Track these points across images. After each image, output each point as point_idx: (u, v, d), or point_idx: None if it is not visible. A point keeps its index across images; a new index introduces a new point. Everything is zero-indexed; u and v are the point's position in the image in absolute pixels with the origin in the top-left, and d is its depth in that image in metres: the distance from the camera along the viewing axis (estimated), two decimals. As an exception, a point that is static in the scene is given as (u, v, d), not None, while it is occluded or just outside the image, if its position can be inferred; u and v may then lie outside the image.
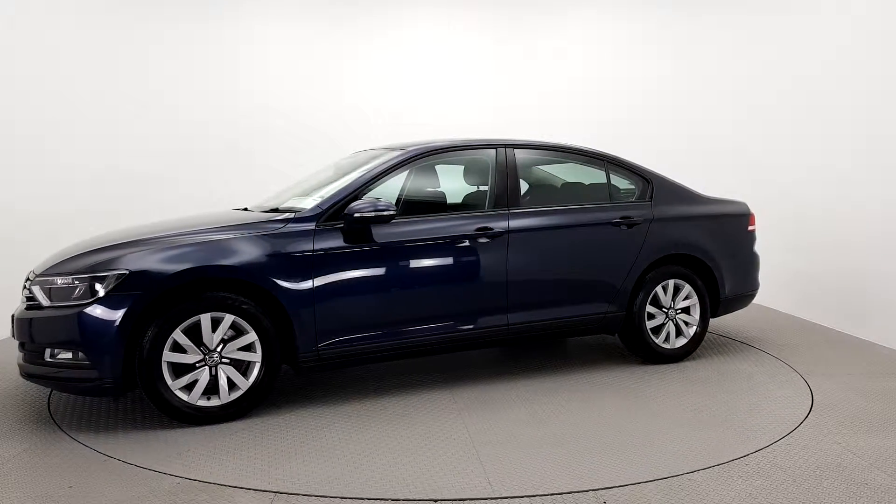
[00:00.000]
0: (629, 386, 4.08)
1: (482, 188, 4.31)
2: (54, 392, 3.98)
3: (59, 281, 3.31)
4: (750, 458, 3.01)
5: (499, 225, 4.04)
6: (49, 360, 3.30)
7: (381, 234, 3.73)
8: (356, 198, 3.73)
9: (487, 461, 2.98)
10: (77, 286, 3.26)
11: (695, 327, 4.61)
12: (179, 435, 3.30)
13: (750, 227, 4.93)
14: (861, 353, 4.83)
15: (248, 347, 3.48)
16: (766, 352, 4.85)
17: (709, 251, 4.62)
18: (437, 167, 4.41)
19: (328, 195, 3.80)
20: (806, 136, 6.23)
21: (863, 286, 5.42)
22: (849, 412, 3.61)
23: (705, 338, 4.82)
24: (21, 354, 3.43)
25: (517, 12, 7.34)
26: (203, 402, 3.40)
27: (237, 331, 3.46)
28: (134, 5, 6.84)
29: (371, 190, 3.86)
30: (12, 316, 3.49)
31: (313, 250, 3.57)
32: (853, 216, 5.55)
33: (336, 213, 3.69)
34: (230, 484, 2.75)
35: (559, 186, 4.70)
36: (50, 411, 3.67)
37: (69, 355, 3.26)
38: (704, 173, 6.37)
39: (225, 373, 3.43)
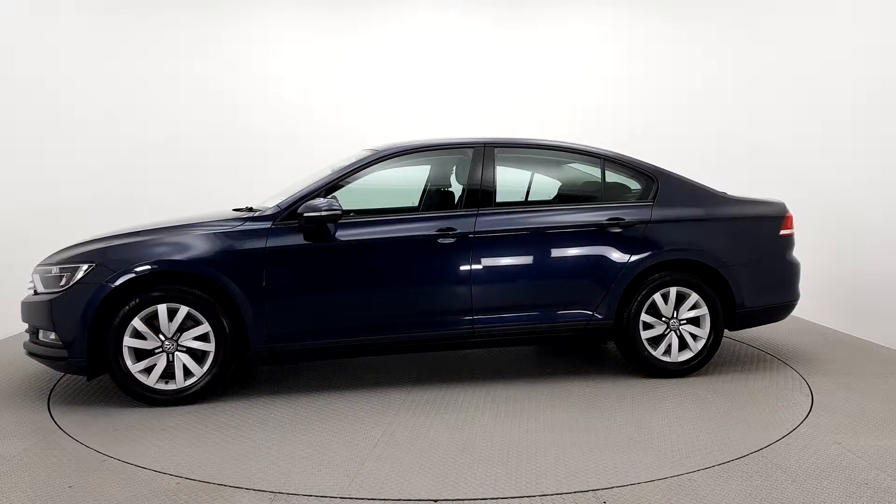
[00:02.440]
0: (598, 394, 3.89)
1: (456, 188, 4.26)
2: (54, 392, 4.00)
3: (51, 270, 3.72)
4: (750, 458, 3.01)
5: (464, 226, 3.94)
6: (42, 339, 3.76)
7: (342, 233, 3.82)
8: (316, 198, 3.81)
9: (372, 462, 2.98)
10: (61, 275, 3.66)
11: (703, 340, 4.18)
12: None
13: (782, 231, 4.39)
14: (861, 353, 4.82)
15: (206, 338, 3.69)
16: (766, 352, 4.84)
17: (720, 256, 4.18)
18: (411, 167, 4.41)
19: (290, 195, 3.92)
20: (806, 136, 6.23)
21: (863, 286, 5.42)
22: (849, 412, 3.61)
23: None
24: (27, 335, 3.92)
25: (521, 11, 7.33)
26: (161, 386, 3.68)
27: (197, 322, 3.69)
28: (134, 5, 6.84)
29: (340, 189, 3.97)
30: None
31: (265, 248, 3.71)
32: (852, 217, 5.55)
33: (295, 212, 3.79)
34: (230, 484, 2.75)
35: (543, 186, 4.59)
36: (50, 411, 3.68)
37: (52, 336, 3.67)
38: (723, 172, 6.24)
39: (181, 360, 3.67)
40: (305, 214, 3.71)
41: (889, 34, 5.20)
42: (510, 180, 4.43)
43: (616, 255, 4.09)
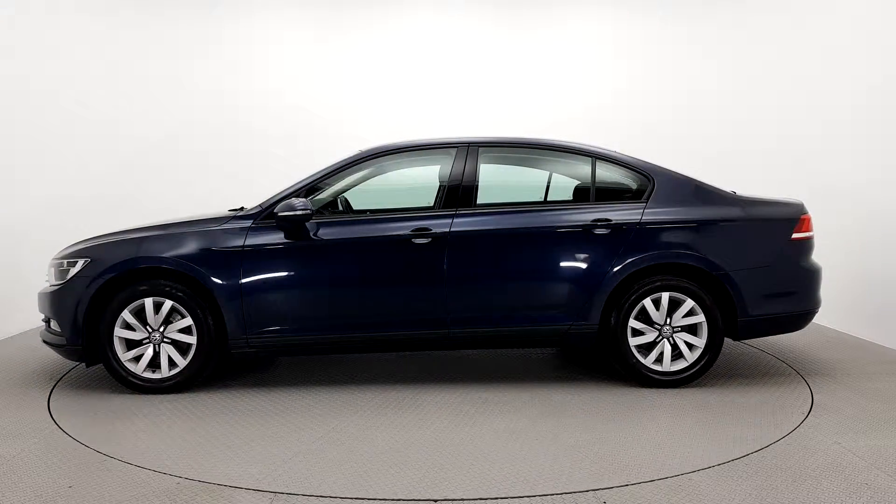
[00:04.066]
0: (575, 400, 3.78)
1: (436, 188, 4.24)
2: (54, 392, 4.01)
3: (62, 264, 3.99)
4: (750, 458, 3.01)
5: (440, 226, 3.91)
6: (52, 328, 4.03)
7: (321, 232, 3.92)
8: (297, 197, 3.95)
9: (301, 457, 3.01)
10: (66, 269, 3.94)
11: (700, 350, 3.97)
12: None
13: (796, 235, 4.07)
14: (861, 353, 4.83)
15: (189, 330, 3.89)
16: (766, 352, 4.85)
17: (719, 261, 3.92)
18: (393, 167, 4.44)
19: (272, 194, 4.04)
20: (806, 136, 6.23)
21: (863, 286, 5.42)
22: (849, 412, 3.61)
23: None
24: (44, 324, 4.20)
25: (521, 11, 7.34)
26: (148, 374, 3.92)
27: (183, 315, 3.90)
28: (134, 5, 6.85)
29: (323, 188, 4.09)
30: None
31: (243, 246, 3.87)
32: (852, 216, 5.55)
33: (273, 212, 3.93)
34: (230, 484, 2.75)
35: (527, 187, 4.53)
36: (50, 411, 3.68)
37: (57, 324, 3.96)
38: (725, 172, 6.13)
39: (166, 351, 3.90)
40: (280, 214, 3.84)
41: (889, 33, 5.20)
42: (496, 181, 4.36)
43: (601, 258, 3.92)
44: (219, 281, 3.83)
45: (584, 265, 3.94)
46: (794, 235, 4.08)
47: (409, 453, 3.08)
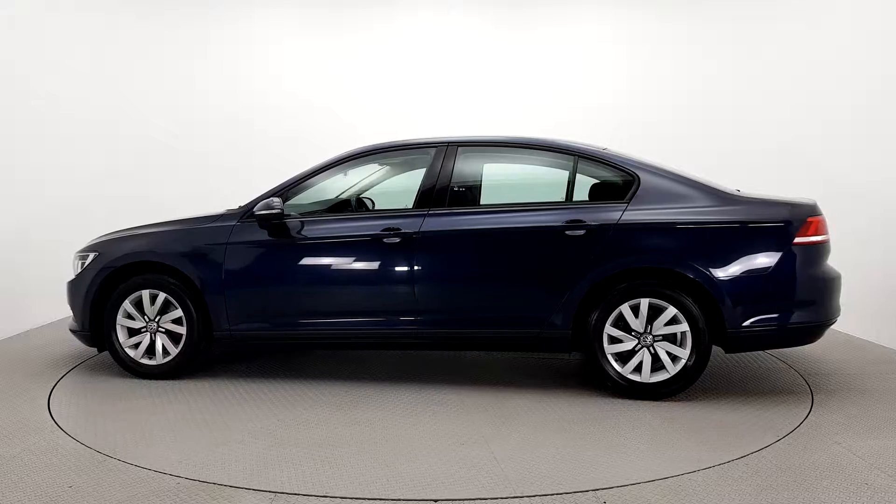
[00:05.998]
0: (550, 403, 3.73)
1: (413, 188, 4.20)
2: (54, 392, 4.01)
3: (78, 257, 4.34)
4: (750, 458, 3.01)
5: (410, 226, 3.90)
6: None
7: (304, 230, 4.04)
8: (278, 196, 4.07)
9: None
10: (82, 262, 4.29)
11: (683, 360, 3.69)
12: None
13: (799, 239, 3.68)
14: (861, 353, 4.83)
15: (181, 321, 4.13)
16: (766, 351, 4.84)
17: (704, 266, 3.63)
18: (377, 167, 4.52)
19: (259, 195, 4.15)
20: (806, 136, 6.23)
21: (863, 286, 5.41)
22: (849, 412, 3.60)
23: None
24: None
25: (521, 11, 7.34)
26: (145, 360, 4.19)
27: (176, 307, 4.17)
28: (134, 5, 6.85)
29: (306, 188, 4.19)
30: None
31: (227, 243, 4.05)
32: (852, 216, 5.54)
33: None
34: (230, 484, 2.75)
35: (506, 187, 4.45)
36: (50, 411, 3.68)
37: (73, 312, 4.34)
38: (724, 172, 6.06)
39: (160, 340, 4.17)
40: (256, 213, 3.98)
41: (889, 33, 5.20)
42: (479, 180, 4.24)
43: (574, 261, 3.75)
44: (204, 275, 4.06)
45: (555, 268, 3.79)
46: (798, 239, 3.68)
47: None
